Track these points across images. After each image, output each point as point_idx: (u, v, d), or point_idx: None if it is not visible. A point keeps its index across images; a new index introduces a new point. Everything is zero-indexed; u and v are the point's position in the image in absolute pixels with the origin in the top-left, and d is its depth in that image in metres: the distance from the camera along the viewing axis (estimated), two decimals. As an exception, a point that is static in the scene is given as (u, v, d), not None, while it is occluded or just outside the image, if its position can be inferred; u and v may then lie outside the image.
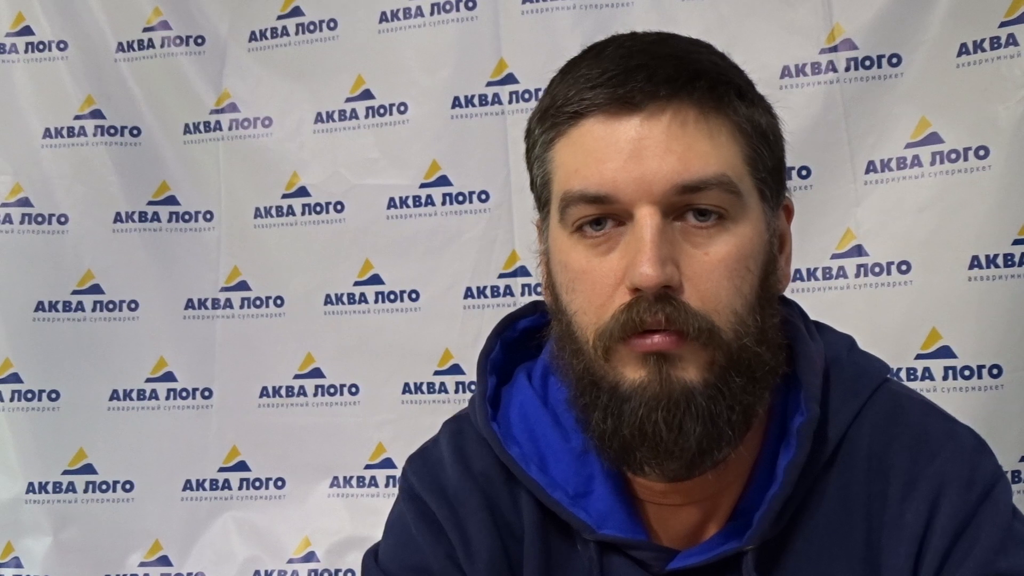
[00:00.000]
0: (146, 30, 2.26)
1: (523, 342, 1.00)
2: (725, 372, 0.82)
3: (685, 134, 0.81)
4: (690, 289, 0.80)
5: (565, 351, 0.87)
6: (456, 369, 2.13)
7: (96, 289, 2.24)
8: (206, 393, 2.25)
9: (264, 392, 2.24)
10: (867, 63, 1.90)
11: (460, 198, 2.12)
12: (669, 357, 0.81)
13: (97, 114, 2.25)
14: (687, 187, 0.80)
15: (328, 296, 2.20)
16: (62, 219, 2.25)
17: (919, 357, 1.85)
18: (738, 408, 0.82)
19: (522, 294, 2.09)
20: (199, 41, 2.26)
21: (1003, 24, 1.81)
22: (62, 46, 2.26)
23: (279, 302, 2.24)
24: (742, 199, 0.83)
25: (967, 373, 1.81)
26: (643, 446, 0.82)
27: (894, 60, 1.89)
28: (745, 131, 0.84)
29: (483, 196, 2.11)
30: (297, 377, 2.23)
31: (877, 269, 1.89)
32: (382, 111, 2.17)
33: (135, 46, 2.26)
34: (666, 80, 0.81)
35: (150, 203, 2.26)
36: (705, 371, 0.81)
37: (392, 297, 2.17)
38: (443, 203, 2.13)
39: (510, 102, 2.09)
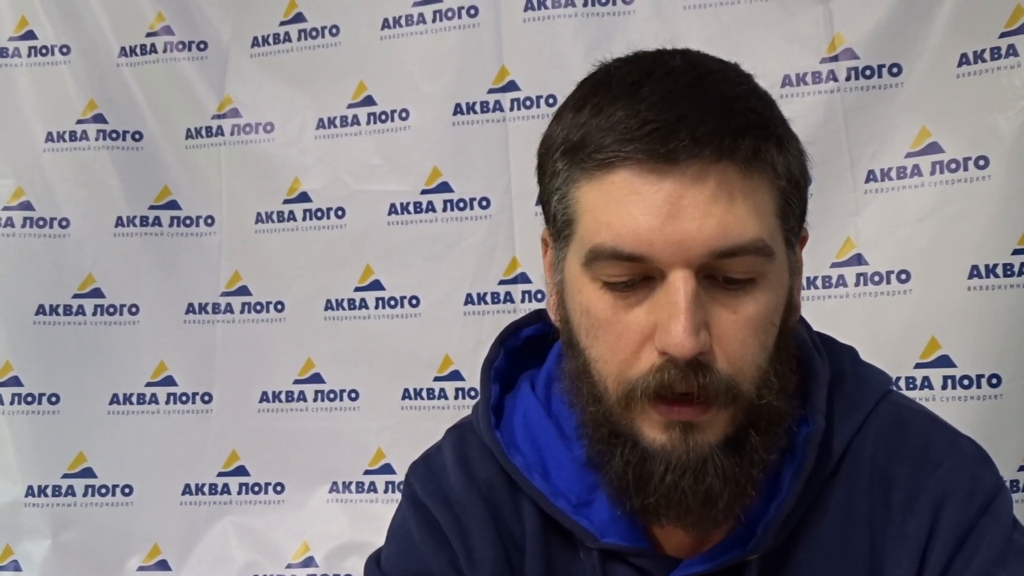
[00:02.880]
0: (149, 35, 2.27)
1: (527, 350, 1.00)
2: (745, 428, 0.81)
3: (729, 197, 0.78)
4: (718, 350, 0.79)
5: (581, 392, 0.85)
6: (456, 375, 2.13)
7: (97, 293, 2.25)
8: (206, 398, 2.26)
9: (264, 397, 2.24)
10: (868, 72, 1.91)
11: (461, 204, 2.13)
12: (694, 424, 0.80)
13: (99, 118, 2.26)
14: (723, 253, 0.78)
15: (328, 301, 2.21)
16: (63, 223, 2.25)
17: (918, 366, 1.86)
18: (757, 462, 0.82)
19: (522, 301, 2.09)
20: (201, 46, 2.27)
21: (1003, 35, 1.82)
22: (65, 50, 2.27)
23: (279, 307, 2.24)
24: (773, 258, 0.81)
25: (966, 382, 1.82)
26: (670, 511, 0.82)
27: (894, 70, 1.90)
28: (780, 186, 0.82)
29: (484, 203, 2.12)
30: (297, 382, 2.23)
31: (877, 278, 1.90)
32: (384, 117, 2.18)
33: (138, 51, 2.27)
34: (710, 138, 0.77)
35: (151, 207, 2.27)
36: (727, 427, 0.81)
37: (392, 303, 2.17)
38: (444, 209, 2.14)
39: (511, 109, 2.10)
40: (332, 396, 2.21)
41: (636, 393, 0.80)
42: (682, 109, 0.78)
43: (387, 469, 2.17)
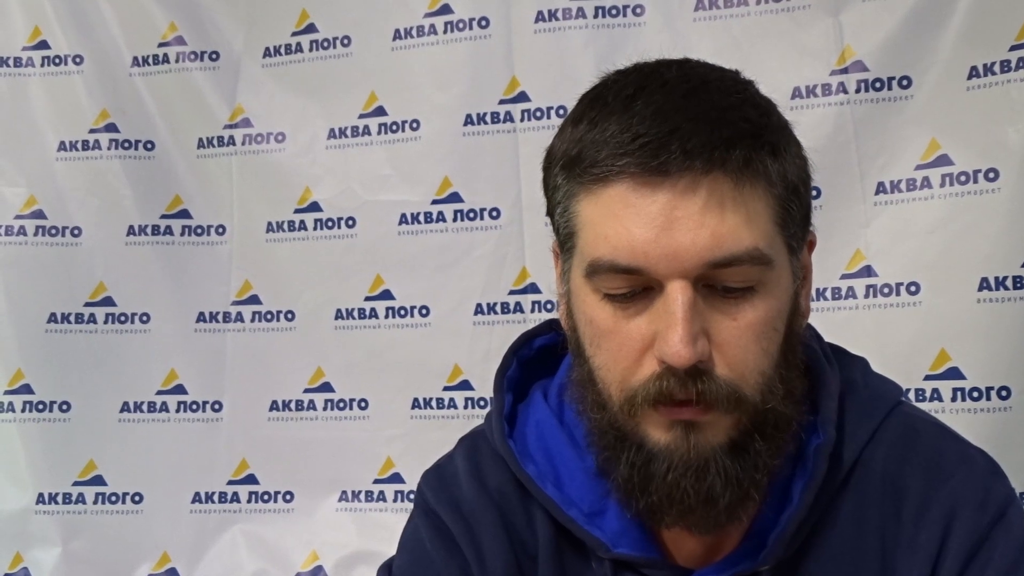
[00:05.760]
0: (161, 45, 2.28)
1: (539, 360, 1.00)
2: (750, 433, 0.82)
3: (720, 208, 0.78)
4: (719, 357, 0.80)
5: (587, 399, 0.87)
6: (465, 385, 2.14)
7: (108, 301, 2.26)
8: (216, 406, 2.26)
9: (274, 406, 2.25)
10: (877, 85, 1.92)
11: (471, 215, 2.13)
12: (696, 424, 0.81)
13: (112, 128, 2.27)
14: (718, 263, 0.79)
15: (339, 311, 2.22)
16: (75, 232, 2.26)
17: (928, 378, 1.86)
18: (762, 467, 0.83)
19: (532, 311, 2.10)
20: (214, 56, 2.28)
21: (1013, 47, 1.82)
22: (78, 60, 2.28)
23: (290, 316, 2.25)
24: (772, 265, 0.81)
25: (975, 395, 1.82)
26: (672, 510, 0.83)
27: (904, 82, 1.90)
28: (776, 193, 0.82)
29: (494, 213, 2.12)
30: (307, 391, 2.24)
31: (886, 290, 1.90)
32: (395, 128, 2.19)
33: (150, 61, 2.29)
34: (701, 150, 0.78)
35: (163, 216, 2.28)
36: (731, 431, 0.81)
37: (402, 312, 2.18)
38: (454, 220, 2.14)
39: (522, 120, 2.11)
40: (342, 405, 2.21)
41: (637, 399, 0.81)
42: (674, 122, 0.79)
43: (396, 478, 2.17)
